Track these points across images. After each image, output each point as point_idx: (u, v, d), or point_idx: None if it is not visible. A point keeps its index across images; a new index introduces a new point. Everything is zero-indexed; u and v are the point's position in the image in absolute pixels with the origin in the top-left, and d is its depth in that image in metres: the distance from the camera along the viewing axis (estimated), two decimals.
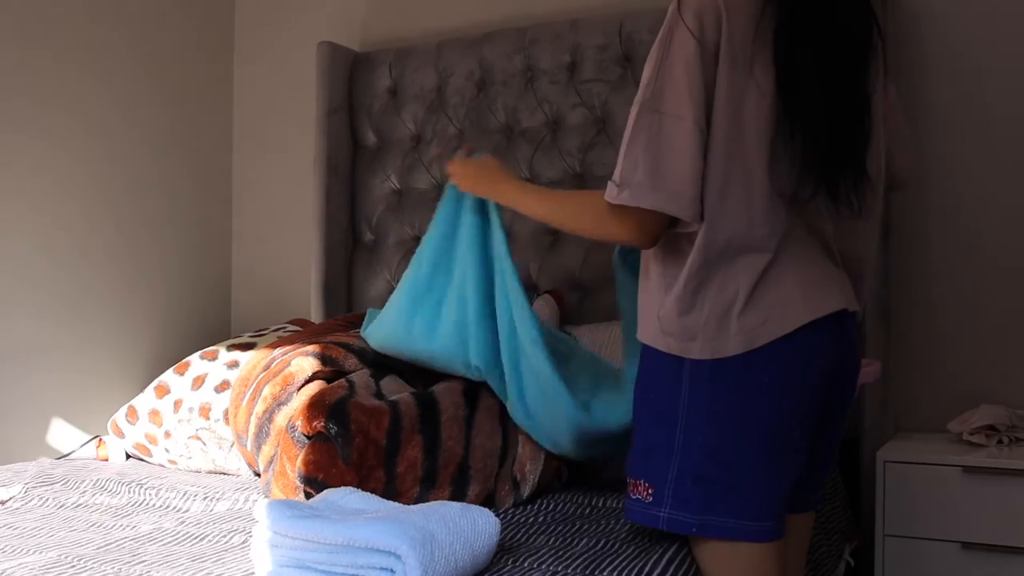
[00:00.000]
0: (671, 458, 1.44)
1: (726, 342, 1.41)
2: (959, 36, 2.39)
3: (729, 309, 1.41)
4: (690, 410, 1.43)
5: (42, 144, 2.57)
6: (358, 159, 2.93)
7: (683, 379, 1.44)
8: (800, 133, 1.38)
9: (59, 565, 1.43)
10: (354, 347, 2.03)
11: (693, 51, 1.36)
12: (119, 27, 2.80)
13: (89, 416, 2.67)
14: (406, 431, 1.78)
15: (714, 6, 1.38)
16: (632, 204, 1.37)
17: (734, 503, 1.42)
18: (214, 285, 3.17)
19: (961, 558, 2.05)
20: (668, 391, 1.45)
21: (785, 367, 1.42)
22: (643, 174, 1.36)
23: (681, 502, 1.43)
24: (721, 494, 1.42)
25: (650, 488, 1.46)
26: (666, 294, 1.45)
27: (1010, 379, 2.33)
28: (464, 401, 1.87)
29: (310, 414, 1.77)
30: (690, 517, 1.43)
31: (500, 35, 2.74)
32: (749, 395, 1.42)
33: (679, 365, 1.44)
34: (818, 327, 1.44)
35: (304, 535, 1.26)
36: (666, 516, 1.44)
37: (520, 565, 1.40)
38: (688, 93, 1.36)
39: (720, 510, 1.42)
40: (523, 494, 1.84)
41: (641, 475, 1.48)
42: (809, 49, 1.38)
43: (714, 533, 1.43)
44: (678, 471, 1.43)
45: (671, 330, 1.44)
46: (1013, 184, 2.35)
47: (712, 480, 1.42)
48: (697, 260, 1.41)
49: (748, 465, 1.42)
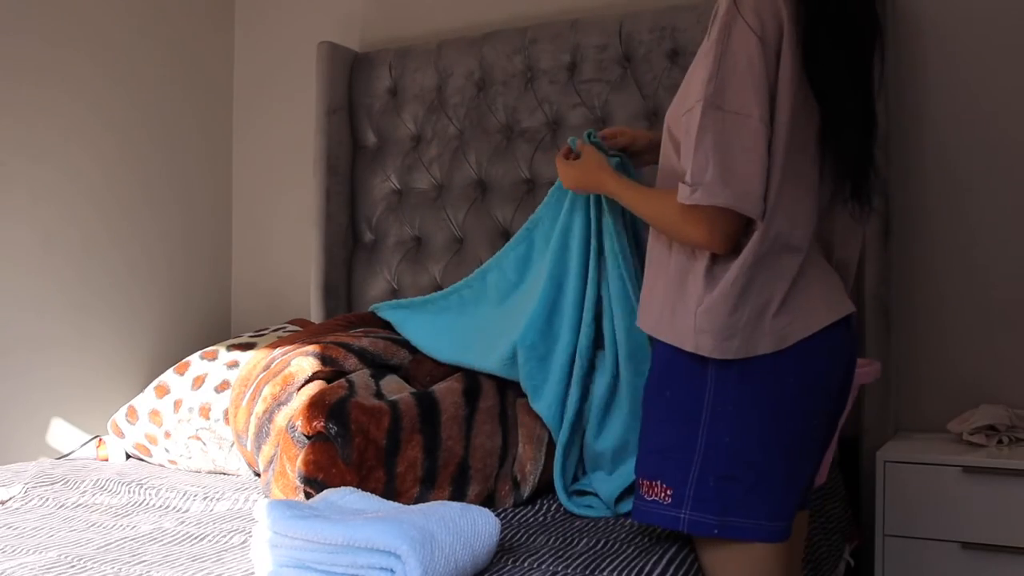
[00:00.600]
0: (692, 458, 1.43)
1: (758, 341, 1.41)
2: (958, 37, 2.39)
3: (766, 308, 1.41)
4: (715, 410, 1.43)
5: (46, 134, 2.57)
6: (358, 159, 2.93)
7: (707, 378, 1.43)
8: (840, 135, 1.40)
9: (59, 565, 1.43)
10: (354, 347, 2.03)
11: (755, 47, 1.36)
12: (124, 19, 2.80)
13: (89, 416, 2.67)
14: (406, 431, 1.78)
15: (772, 2, 1.37)
16: (706, 203, 1.37)
17: (755, 504, 1.42)
18: (214, 285, 3.17)
19: (961, 558, 2.05)
20: (690, 390, 1.45)
21: (810, 367, 1.44)
22: (713, 173, 1.36)
23: (702, 503, 1.42)
24: (743, 495, 1.42)
25: (668, 489, 1.44)
26: (708, 290, 1.42)
27: (1010, 379, 2.33)
28: (464, 401, 1.87)
29: (310, 414, 1.77)
30: (711, 518, 1.42)
31: (500, 35, 2.74)
32: (776, 395, 1.42)
33: (702, 364, 1.43)
34: (837, 328, 1.46)
35: (304, 535, 1.25)
36: (687, 518, 1.43)
37: (520, 565, 1.40)
38: (753, 90, 1.36)
39: (741, 511, 1.42)
40: (523, 494, 1.84)
41: (657, 476, 1.47)
42: (840, 52, 1.40)
43: (734, 534, 1.43)
44: (700, 472, 1.42)
45: (709, 327, 1.41)
46: (1013, 184, 2.35)
47: (735, 480, 1.42)
48: (750, 258, 1.40)
49: (772, 465, 1.43)
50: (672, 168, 1.51)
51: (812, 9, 1.38)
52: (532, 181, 2.67)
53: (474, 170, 2.75)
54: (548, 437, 1.90)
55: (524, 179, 2.68)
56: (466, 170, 2.76)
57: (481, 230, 2.72)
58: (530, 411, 1.92)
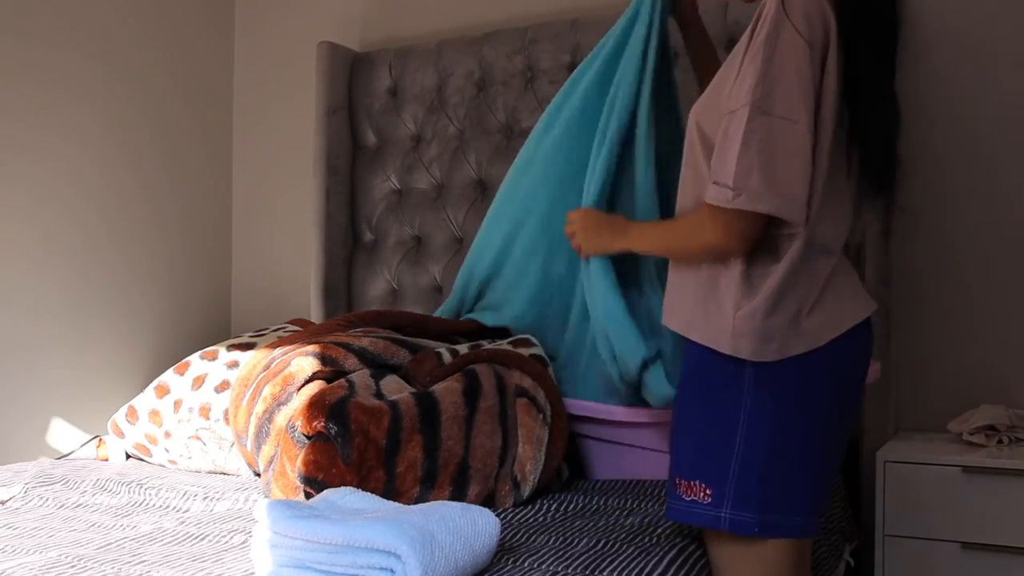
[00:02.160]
0: (731, 458, 1.45)
1: (795, 342, 1.43)
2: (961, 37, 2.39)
3: (801, 310, 1.44)
4: (752, 409, 1.44)
5: (47, 135, 2.58)
6: (358, 159, 2.93)
7: (743, 378, 1.45)
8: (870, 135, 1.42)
9: (59, 565, 1.42)
10: (354, 347, 2.03)
11: (804, 52, 1.36)
12: (124, 19, 2.80)
13: (89, 416, 2.67)
14: (406, 431, 1.78)
15: (819, 6, 1.37)
16: (749, 208, 1.37)
17: (795, 501, 1.45)
18: (214, 285, 3.17)
19: (961, 558, 2.05)
20: (725, 390, 1.46)
21: (839, 365, 1.47)
22: (758, 178, 1.36)
23: (743, 502, 1.44)
24: (782, 492, 1.44)
25: (708, 489, 1.46)
26: (746, 295, 1.44)
27: (1010, 379, 2.33)
28: (464, 401, 1.87)
29: (310, 414, 1.77)
30: (751, 516, 1.44)
31: (500, 35, 2.74)
32: (810, 393, 1.45)
33: (738, 366, 1.45)
34: (863, 326, 1.50)
35: (304, 535, 1.25)
36: (728, 516, 1.45)
37: (520, 565, 1.40)
38: (801, 96, 1.36)
39: (780, 509, 1.44)
40: (523, 494, 1.84)
41: (697, 476, 1.48)
42: (872, 50, 1.41)
43: (775, 532, 1.45)
44: (740, 471, 1.44)
45: (748, 330, 1.42)
46: (1013, 184, 2.35)
47: (774, 479, 1.44)
48: (793, 261, 1.42)
49: (809, 462, 1.46)
50: (697, 165, 1.51)
51: (850, 9, 1.39)
52: None
53: (474, 170, 2.75)
54: (548, 437, 1.91)
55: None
56: (466, 170, 2.76)
57: None
58: (530, 411, 1.92)
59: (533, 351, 2.09)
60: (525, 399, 1.94)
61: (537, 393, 1.95)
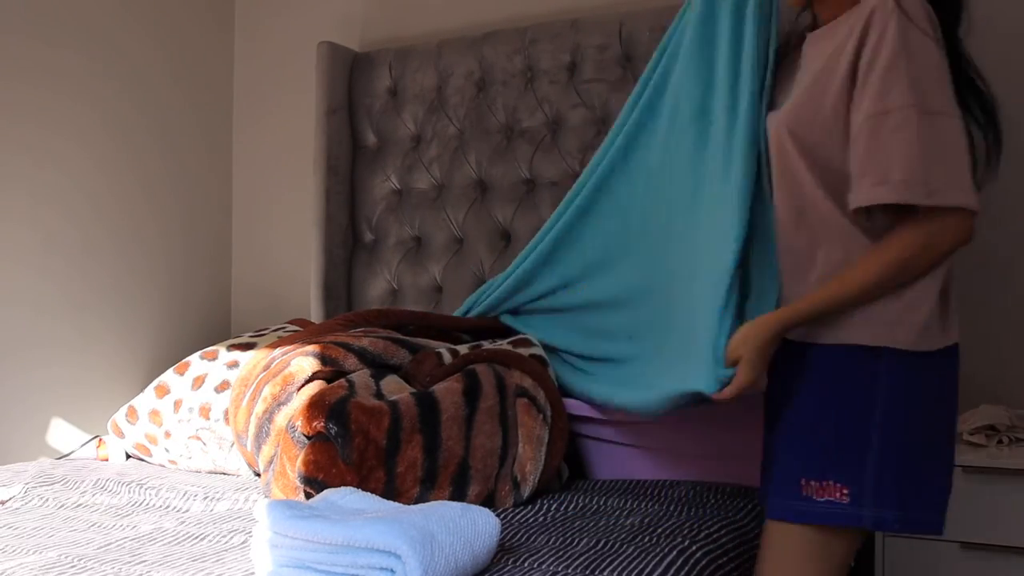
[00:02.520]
0: (867, 456, 1.46)
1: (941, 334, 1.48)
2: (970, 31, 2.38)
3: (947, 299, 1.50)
4: (889, 406, 1.46)
5: (47, 135, 2.58)
6: (358, 159, 2.93)
7: (880, 374, 1.47)
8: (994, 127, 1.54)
9: (59, 565, 1.43)
10: (354, 347, 2.03)
11: (936, 51, 1.43)
12: (124, 19, 2.80)
13: (89, 416, 2.67)
14: (406, 431, 1.78)
15: (926, 7, 1.44)
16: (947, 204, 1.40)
17: (932, 496, 1.48)
18: (214, 285, 3.17)
19: (961, 558, 2.05)
20: (861, 388, 1.48)
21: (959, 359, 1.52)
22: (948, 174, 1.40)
23: (882, 499, 1.46)
24: (920, 488, 1.47)
25: (844, 488, 1.47)
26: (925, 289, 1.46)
27: (1010, 379, 2.33)
28: (464, 401, 1.87)
29: (310, 414, 1.77)
30: (891, 513, 1.46)
31: (500, 35, 2.74)
32: (946, 387, 1.49)
33: (874, 361, 1.47)
34: None
35: (304, 535, 1.26)
36: (870, 515, 1.47)
37: (520, 565, 1.40)
38: (947, 92, 1.42)
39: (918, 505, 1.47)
40: (523, 494, 1.84)
41: (830, 476, 1.49)
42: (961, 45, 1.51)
43: (915, 528, 1.49)
44: (878, 468, 1.46)
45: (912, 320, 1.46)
46: (1013, 183, 2.34)
47: (913, 475, 1.46)
48: None
49: (945, 457, 1.49)
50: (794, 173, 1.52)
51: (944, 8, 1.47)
52: (532, 181, 2.67)
53: (474, 170, 2.75)
54: (548, 437, 1.91)
55: (524, 179, 2.68)
56: (466, 170, 2.76)
57: (481, 230, 2.72)
58: (530, 411, 1.92)
59: (533, 351, 2.09)
60: (525, 399, 1.94)
61: (537, 393, 1.95)
